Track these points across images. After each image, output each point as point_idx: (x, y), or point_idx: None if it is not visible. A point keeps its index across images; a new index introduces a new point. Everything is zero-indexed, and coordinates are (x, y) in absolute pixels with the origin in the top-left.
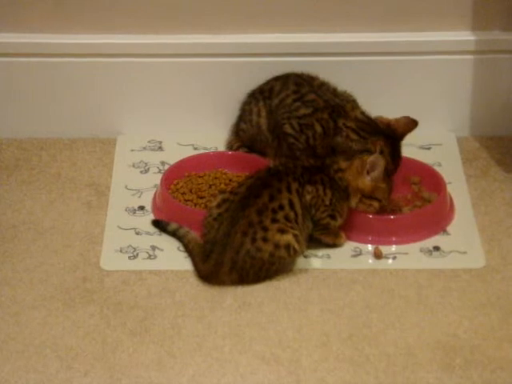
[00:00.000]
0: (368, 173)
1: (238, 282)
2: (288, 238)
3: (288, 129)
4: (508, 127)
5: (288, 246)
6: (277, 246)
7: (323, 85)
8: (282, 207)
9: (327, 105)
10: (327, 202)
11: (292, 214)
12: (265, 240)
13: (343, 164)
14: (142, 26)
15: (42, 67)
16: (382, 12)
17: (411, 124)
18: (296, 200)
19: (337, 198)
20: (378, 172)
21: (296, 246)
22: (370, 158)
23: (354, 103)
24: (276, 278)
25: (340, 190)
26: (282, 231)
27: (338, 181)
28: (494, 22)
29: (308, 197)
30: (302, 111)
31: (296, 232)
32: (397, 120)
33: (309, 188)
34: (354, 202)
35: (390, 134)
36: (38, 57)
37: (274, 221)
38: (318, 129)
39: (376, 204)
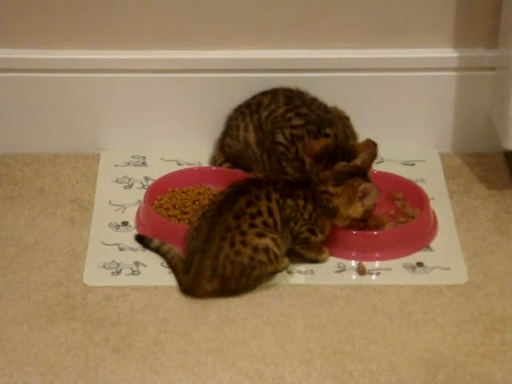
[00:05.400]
0: (360, 200)
1: (220, 289)
2: (266, 241)
3: (280, 138)
4: (490, 144)
5: (267, 250)
6: (255, 249)
7: (315, 100)
8: (260, 213)
9: (318, 118)
10: (306, 216)
11: (271, 221)
12: (243, 243)
13: (332, 189)
14: (126, 42)
15: (24, 82)
16: (366, 29)
17: (372, 154)
18: (275, 208)
19: (318, 213)
20: (370, 199)
21: (275, 249)
22: (362, 186)
23: (346, 120)
24: (259, 293)
25: (323, 207)
26: (260, 235)
27: (323, 200)
28: (476, 40)
29: (288, 210)
30: (295, 122)
31: (275, 236)
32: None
33: (289, 202)
34: (341, 223)
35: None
36: (19, 72)
37: (252, 226)
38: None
39: (362, 224)
